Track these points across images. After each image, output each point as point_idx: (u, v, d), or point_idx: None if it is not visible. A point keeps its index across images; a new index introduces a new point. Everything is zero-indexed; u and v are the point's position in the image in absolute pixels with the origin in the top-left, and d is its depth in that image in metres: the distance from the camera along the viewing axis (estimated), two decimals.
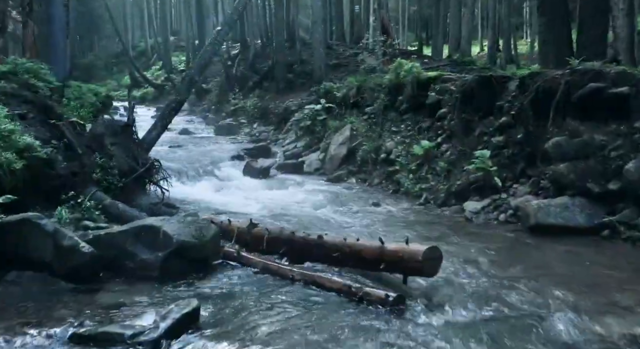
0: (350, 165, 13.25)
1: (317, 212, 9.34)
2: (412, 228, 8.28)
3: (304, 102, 18.35)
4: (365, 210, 9.67)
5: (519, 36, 38.08)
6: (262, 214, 9.09)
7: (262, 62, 28.32)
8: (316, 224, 8.36)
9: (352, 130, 13.85)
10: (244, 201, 10.18)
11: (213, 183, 11.90)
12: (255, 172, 12.78)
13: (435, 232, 8.06)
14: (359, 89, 15.02)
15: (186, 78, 11.09)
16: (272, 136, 18.56)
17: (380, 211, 9.68)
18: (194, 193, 10.94)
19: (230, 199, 10.43)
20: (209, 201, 10.15)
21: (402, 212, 9.61)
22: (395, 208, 9.88)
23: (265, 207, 9.64)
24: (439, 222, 8.80)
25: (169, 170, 12.25)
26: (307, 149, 15.03)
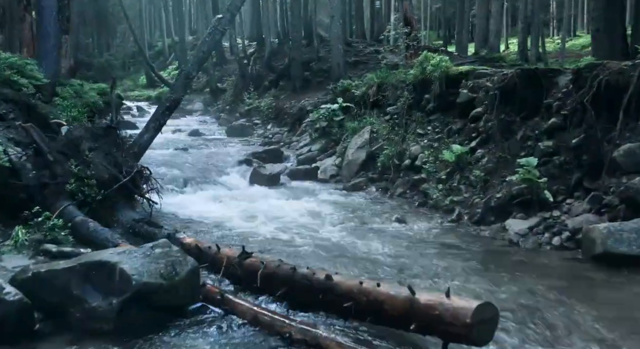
0: (369, 172, 11.61)
1: (330, 232, 7.71)
2: (444, 255, 6.64)
3: (320, 102, 16.76)
4: (387, 228, 8.03)
5: (545, 34, 35.92)
6: (264, 233, 7.52)
7: (279, 61, 26.77)
8: (328, 249, 6.75)
9: (372, 132, 12.21)
10: (246, 215, 8.60)
11: (214, 192, 10.36)
12: (263, 180, 11.22)
13: (473, 261, 6.39)
14: (380, 86, 13.38)
15: (182, 74, 9.59)
16: (285, 138, 16.99)
17: (406, 229, 8.03)
18: (191, 204, 9.41)
19: (231, 212, 8.86)
20: (205, 215, 8.60)
21: (432, 231, 7.95)
22: (422, 226, 8.22)
23: (270, 224, 8.05)
24: (477, 246, 7.13)
25: (167, 177, 10.83)
26: (322, 153, 13.42)
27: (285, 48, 27.11)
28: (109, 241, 6.33)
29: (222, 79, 30.74)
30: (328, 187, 11.31)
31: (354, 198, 10.32)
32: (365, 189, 11.08)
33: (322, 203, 9.70)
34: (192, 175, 11.23)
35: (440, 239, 7.48)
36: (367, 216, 8.74)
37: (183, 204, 9.39)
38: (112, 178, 7.95)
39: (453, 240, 7.45)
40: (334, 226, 8.08)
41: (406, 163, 10.72)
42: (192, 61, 9.61)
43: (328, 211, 9.04)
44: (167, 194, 10.02)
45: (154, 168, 11.44)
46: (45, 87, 11.70)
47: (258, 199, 9.92)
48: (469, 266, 6.10)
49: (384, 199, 10.32)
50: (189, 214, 8.67)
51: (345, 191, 11.03)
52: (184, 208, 9.14)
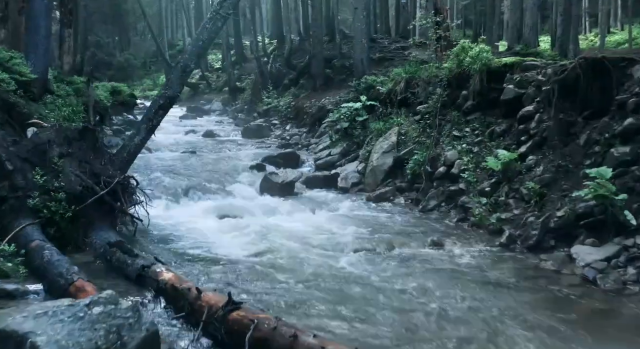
0: (397, 179, 9.97)
1: (351, 262, 6.09)
2: (499, 298, 4.98)
3: (342, 100, 15.14)
4: (422, 255, 6.39)
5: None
6: (266, 262, 5.94)
7: (300, 58, 25.19)
8: (348, 289, 5.14)
9: (399, 134, 10.56)
10: (249, 236, 7.04)
11: (217, 204, 8.82)
12: (275, 189, 9.65)
13: (541, 309, 4.72)
14: (409, 82, 11.71)
15: (178, 67, 8.07)
16: (303, 139, 15.41)
17: (444, 257, 6.38)
18: (187, 220, 7.88)
19: (232, 231, 7.32)
20: (199, 236, 7.06)
21: (477, 260, 6.28)
22: (465, 252, 6.55)
23: (276, 249, 6.47)
24: (540, 284, 5.45)
25: (165, 185, 9.35)
26: (343, 157, 11.79)
27: (307, 45, 25.53)
28: (63, 277, 4.82)
29: (242, 78, 29.32)
30: (349, 197, 9.69)
31: (380, 212, 8.69)
32: (392, 201, 9.45)
33: (341, 219, 8.09)
34: (195, 183, 9.71)
35: (490, 273, 5.81)
36: (395, 237, 7.09)
37: (178, 220, 7.87)
38: (87, 190, 6.46)
39: (506, 274, 5.78)
40: (356, 252, 6.45)
41: (440, 171, 9.05)
42: (189, 51, 8.13)
43: (349, 229, 7.42)
44: (162, 206, 8.57)
45: (153, 174, 10.03)
46: (34, 83, 10.32)
47: (266, 213, 8.36)
48: (537, 321, 4.44)
49: (414, 212, 8.67)
50: (181, 234, 7.14)
51: (369, 201, 9.41)
52: (177, 225, 7.63)
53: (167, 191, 9.21)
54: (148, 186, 9.23)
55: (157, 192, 9.09)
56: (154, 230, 7.19)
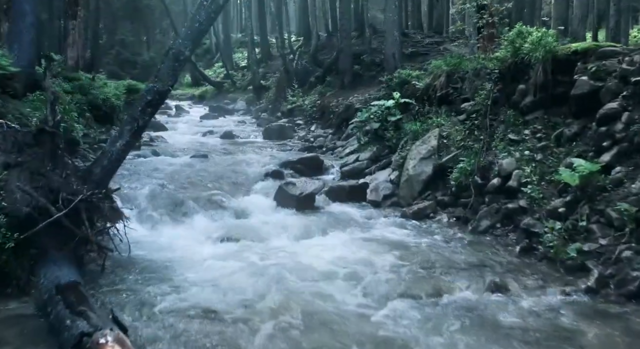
0: (438, 192, 8.18)
1: (385, 314, 4.36)
2: None
3: (371, 98, 13.38)
4: (480, 306, 4.62)
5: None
6: (268, 318, 4.24)
7: (327, 54, 23.47)
8: None
9: (440, 137, 8.75)
10: (251, 271, 5.35)
11: (221, 223, 7.18)
12: (292, 202, 7.96)
13: None
14: (450, 76, 9.89)
15: (170, 54, 6.45)
16: (328, 142, 13.67)
17: (512, 308, 4.59)
18: (180, 245, 6.27)
19: (231, 262, 5.64)
20: (188, 270, 5.41)
21: (557, 315, 4.46)
22: (538, 300, 4.75)
23: (284, 294, 4.75)
24: None
25: (163, 198, 7.74)
26: (372, 163, 10.03)
27: (334, 41, 23.80)
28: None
29: (267, 76, 27.70)
30: (381, 213, 7.93)
31: (419, 234, 6.90)
32: (433, 218, 7.67)
33: (372, 245, 6.34)
34: (198, 195, 8.07)
35: (582, 339, 4.00)
36: (441, 275, 5.32)
37: (168, 244, 6.26)
38: (39, 212, 4.88)
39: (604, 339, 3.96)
40: (391, 299, 4.70)
41: (494, 183, 7.21)
42: (184, 35, 6.47)
43: (381, 261, 5.67)
44: (154, 226, 6.95)
45: (151, 184, 8.42)
46: (17, 77, 8.88)
47: (278, 234, 6.67)
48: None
49: (462, 235, 6.86)
50: (165, 266, 5.50)
51: (405, 219, 7.64)
52: (166, 251, 6.01)
53: (163, 205, 7.59)
54: (140, 199, 7.65)
55: (152, 207, 7.49)
56: (134, 260, 5.58)
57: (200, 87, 33.77)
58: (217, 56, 39.56)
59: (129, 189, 8.02)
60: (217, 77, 34.43)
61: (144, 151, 12.23)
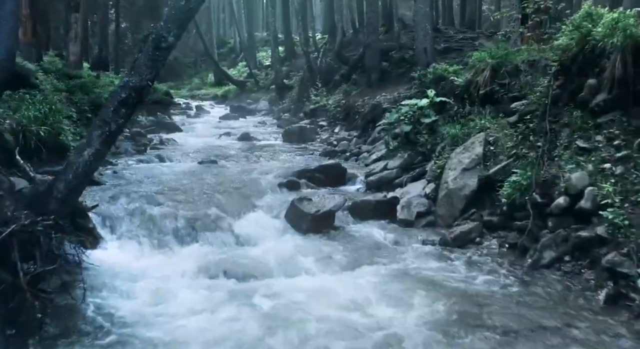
0: (484, 210, 6.63)
1: None
2: None
3: (401, 97, 11.85)
4: None
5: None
6: None
7: (353, 51, 21.95)
8: None
9: (486, 143, 7.19)
10: (242, 331, 3.91)
11: (216, 252, 5.78)
12: (307, 222, 6.51)
13: None
14: (496, 71, 8.30)
15: (149, 42, 5.04)
16: (353, 145, 12.17)
17: None
18: (161, 282, 4.87)
19: (218, 313, 4.21)
20: (160, 326, 4.00)
21: None
22: None
23: None
24: None
25: (150, 217, 6.36)
26: (403, 172, 8.51)
27: (360, 37, 22.27)
28: None
29: (290, 74, 26.32)
30: (414, 237, 6.40)
31: (465, 270, 5.39)
32: (479, 244, 6.13)
33: (405, 284, 4.86)
34: (196, 212, 6.66)
35: None
36: (501, 340, 3.80)
37: (146, 281, 4.89)
38: None
39: None
40: None
41: (560, 203, 5.63)
42: (167, 17, 5.05)
43: (420, 315, 4.18)
44: (136, 254, 5.60)
45: (143, 198, 7.05)
46: None
47: (284, 268, 5.24)
48: None
49: (520, 270, 5.31)
50: (133, 319, 4.09)
51: (444, 246, 6.11)
52: (140, 293, 4.62)
53: (152, 226, 6.22)
54: (125, 219, 6.30)
55: (137, 229, 6.13)
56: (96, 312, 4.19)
57: (223, 86, 32.59)
58: (241, 55, 38.38)
59: (114, 204, 6.68)
60: (240, 76, 33.21)
61: (149, 155, 10.96)
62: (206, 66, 38.83)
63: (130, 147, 11.35)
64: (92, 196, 6.96)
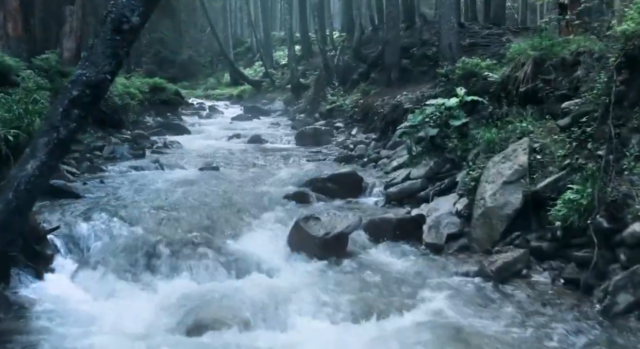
0: (532, 234, 5.34)
1: None
2: None
3: (425, 97, 10.59)
4: None
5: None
6: None
7: (372, 49, 20.68)
8: None
9: (531, 150, 5.90)
10: None
11: (200, 288, 4.59)
12: (314, 246, 5.31)
13: None
14: (539, 65, 6.99)
15: (107, 23, 3.88)
16: (371, 149, 10.91)
17: None
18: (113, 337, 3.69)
19: None
20: None
21: None
22: None
23: None
24: None
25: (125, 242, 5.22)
26: (429, 183, 7.24)
27: (380, 34, 21.01)
28: None
29: (306, 74, 25.14)
30: (446, 268, 5.13)
31: (512, 318, 4.12)
32: (527, 278, 4.86)
33: (431, 338, 3.63)
34: (182, 234, 5.50)
35: None
36: None
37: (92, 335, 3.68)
38: None
39: None
40: None
41: (635, 230, 4.33)
42: None
43: None
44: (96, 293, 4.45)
45: (121, 216, 5.92)
46: None
47: (282, 317, 4.01)
48: None
49: (586, 319, 4.04)
50: None
51: (482, 278, 4.85)
52: None
53: (127, 253, 5.06)
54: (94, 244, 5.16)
55: (107, 257, 4.98)
56: None
57: (238, 86, 31.54)
58: (258, 55, 37.33)
59: (86, 223, 5.55)
60: (256, 76, 32.13)
61: (146, 161, 9.84)
62: (222, 66, 37.86)
63: (127, 152, 10.26)
64: (64, 212, 5.87)
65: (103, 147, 10.19)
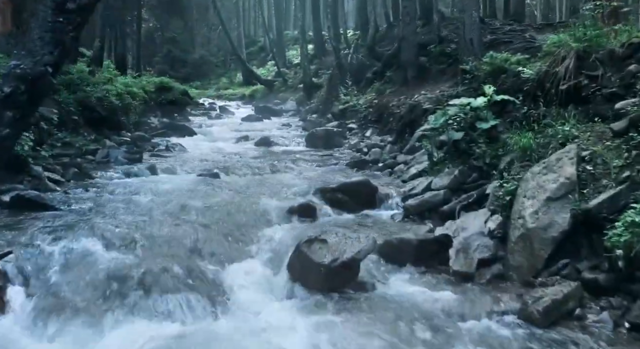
0: (583, 262, 4.35)
1: None
2: None
3: (445, 96, 9.61)
4: None
5: None
6: None
7: (387, 46, 19.67)
8: None
9: (579, 159, 4.89)
10: None
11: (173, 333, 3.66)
12: (319, 276, 4.35)
13: None
14: (584, 58, 5.98)
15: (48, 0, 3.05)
16: (387, 154, 9.91)
17: None
18: None
19: None
20: None
21: None
22: None
23: None
24: None
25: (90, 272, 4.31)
26: (454, 195, 6.24)
27: (395, 32, 19.98)
28: None
29: (319, 73, 24.19)
30: (477, 305, 4.13)
31: None
32: (581, 321, 3.87)
33: None
34: (162, 260, 4.56)
35: None
36: None
37: None
38: None
39: None
40: None
41: None
42: None
43: None
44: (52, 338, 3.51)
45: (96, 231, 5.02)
46: None
47: None
48: None
49: None
50: None
51: (524, 322, 3.86)
52: None
53: (90, 286, 4.15)
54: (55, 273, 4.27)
55: (68, 288, 4.09)
56: None
57: (251, 86, 30.70)
58: (271, 54, 36.48)
59: (50, 246, 4.65)
60: (268, 75, 31.27)
61: (141, 166, 8.94)
62: (235, 65, 37.08)
63: (122, 156, 9.39)
64: (27, 230, 4.98)
65: (96, 150, 9.35)
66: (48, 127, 8.55)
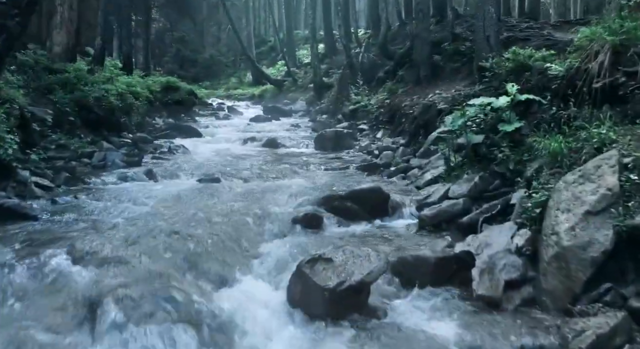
0: (629, 287, 3.72)
1: None
2: None
3: (461, 95, 9.00)
4: None
5: None
6: None
7: (399, 45, 19.05)
8: None
9: (621, 167, 4.25)
10: None
11: None
12: (322, 302, 3.78)
13: None
14: (621, 53, 5.33)
15: None
16: (399, 157, 9.30)
17: None
18: None
19: None
20: None
21: None
22: None
23: None
24: None
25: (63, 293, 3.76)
26: (475, 204, 5.63)
27: (408, 30, 19.35)
28: None
29: (330, 72, 23.63)
30: (507, 338, 3.53)
31: None
32: None
33: None
34: (148, 283, 4.01)
35: None
36: None
37: None
38: None
39: None
40: None
41: None
42: None
43: None
44: None
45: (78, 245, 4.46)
46: None
47: None
48: None
49: None
50: None
51: None
52: None
53: (61, 311, 3.60)
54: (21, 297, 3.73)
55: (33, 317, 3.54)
56: None
57: (260, 86, 30.20)
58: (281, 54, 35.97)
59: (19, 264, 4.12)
60: (278, 75, 30.76)
61: (139, 170, 8.41)
62: (245, 65, 36.61)
63: (120, 159, 8.88)
64: None
65: (93, 153, 8.84)
66: (41, 129, 8.06)
